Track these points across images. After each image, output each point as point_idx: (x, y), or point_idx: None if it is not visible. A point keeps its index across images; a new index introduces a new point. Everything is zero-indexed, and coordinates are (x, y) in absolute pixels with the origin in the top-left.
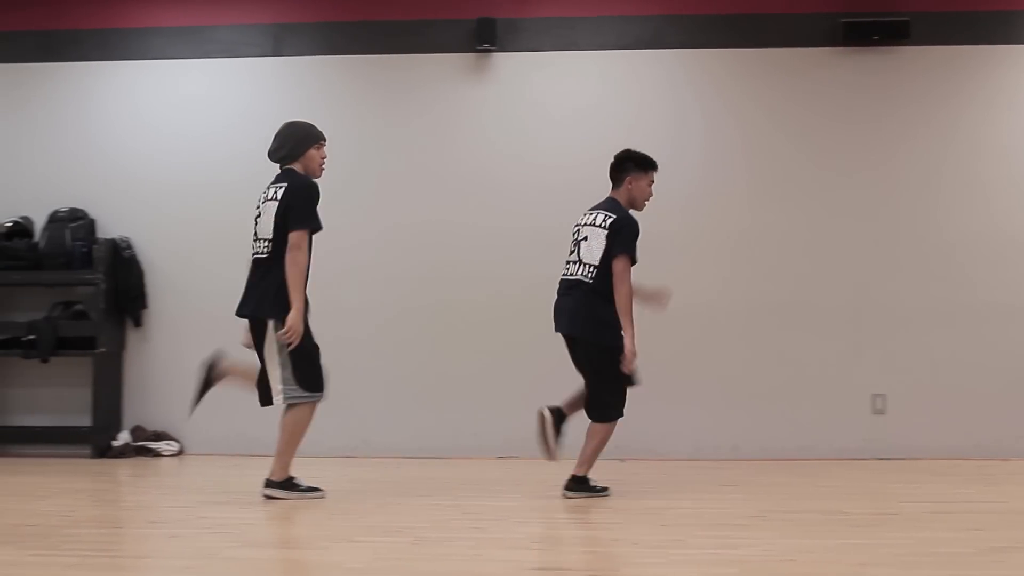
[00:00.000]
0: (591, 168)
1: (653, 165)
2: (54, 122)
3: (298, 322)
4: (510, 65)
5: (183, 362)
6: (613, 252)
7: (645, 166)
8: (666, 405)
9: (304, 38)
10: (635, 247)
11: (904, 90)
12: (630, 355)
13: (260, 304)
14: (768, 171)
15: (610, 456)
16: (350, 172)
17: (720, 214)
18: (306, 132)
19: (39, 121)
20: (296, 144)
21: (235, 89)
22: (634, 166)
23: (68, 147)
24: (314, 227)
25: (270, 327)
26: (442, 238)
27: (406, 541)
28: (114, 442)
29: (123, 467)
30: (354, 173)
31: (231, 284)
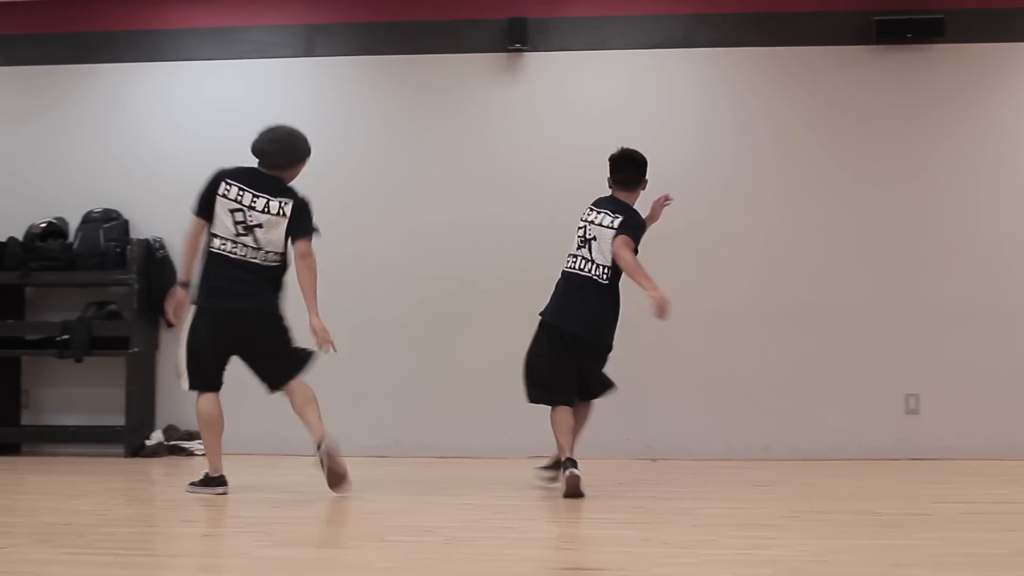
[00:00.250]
0: None
1: None
2: (88, 123)
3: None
4: (541, 65)
5: None
6: None
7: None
8: (697, 405)
9: (336, 39)
10: (640, 237)
11: (938, 89)
12: (663, 302)
13: (264, 301)
14: (799, 170)
15: (641, 456)
16: (382, 171)
17: (751, 213)
18: (306, 148)
19: (73, 122)
20: (297, 158)
21: (268, 90)
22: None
23: (101, 148)
24: (317, 234)
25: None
26: (473, 237)
27: (437, 540)
28: (147, 441)
29: (156, 466)
30: (386, 172)
31: None
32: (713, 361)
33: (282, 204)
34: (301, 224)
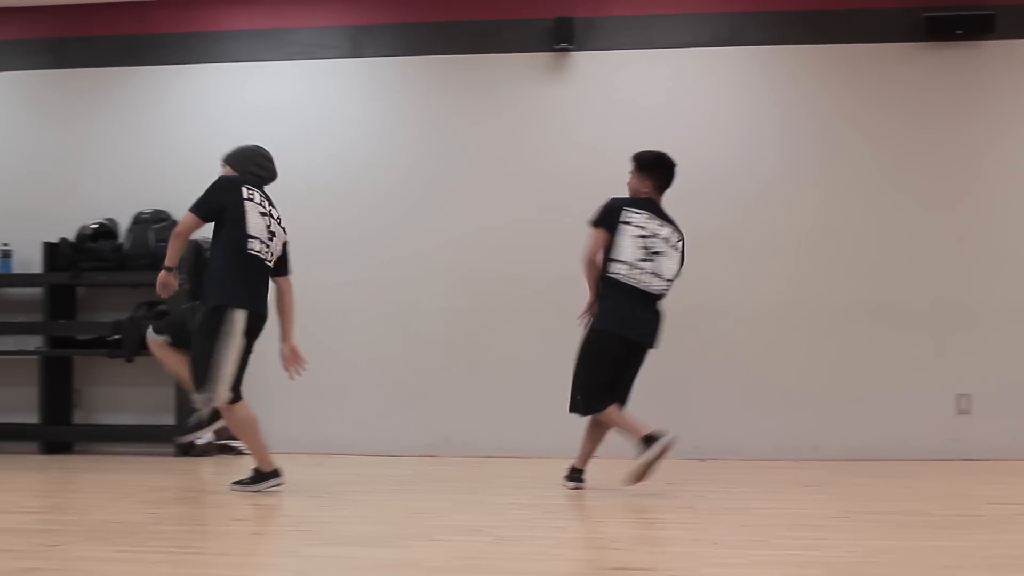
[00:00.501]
0: None
1: None
2: (137, 125)
3: None
4: (587, 64)
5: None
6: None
7: None
8: (746, 405)
9: (382, 39)
10: None
11: (989, 87)
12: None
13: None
14: (847, 169)
15: (690, 456)
16: (433, 173)
17: (798, 212)
18: None
19: (123, 124)
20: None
21: (315, 90)
22: None
23: (151, 149)
24: None
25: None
26: (520, 237)
27: (485, 540)
28: (197, 441)
29: (206, 465)
30: (437, 174)
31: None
32: (762, 360)
33: (280, 219)
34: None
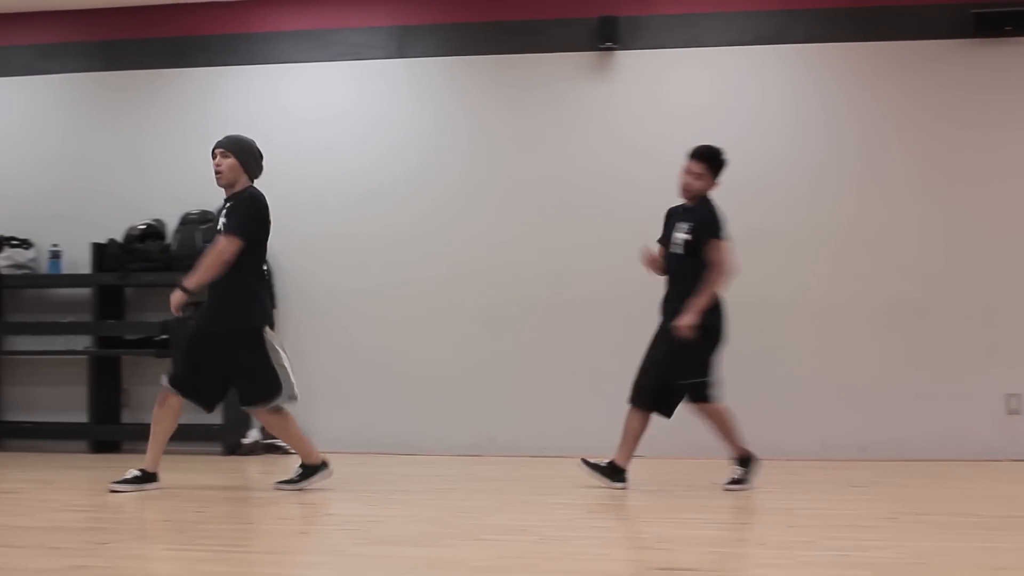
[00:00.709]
0: None
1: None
2: (185, 126)
3: None
4: (633, 63)
5: (310, 361)
6: None
7: None
8: (793, 404)
9: (427, 39)
10: None
11: None
12: None
13: None
14: (893, 168)
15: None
16: (483, 175)
17: (844, 210)
18: None
19: (170, 125)
20: None
21: (366, 92)
22: None
23: (197, 151)
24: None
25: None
26: (566, 237)
27: (531, 540)
28: (244, 440)
29: (253, 464)
30: (488, 175)
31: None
32: (809, 359)
33: None
34: None
